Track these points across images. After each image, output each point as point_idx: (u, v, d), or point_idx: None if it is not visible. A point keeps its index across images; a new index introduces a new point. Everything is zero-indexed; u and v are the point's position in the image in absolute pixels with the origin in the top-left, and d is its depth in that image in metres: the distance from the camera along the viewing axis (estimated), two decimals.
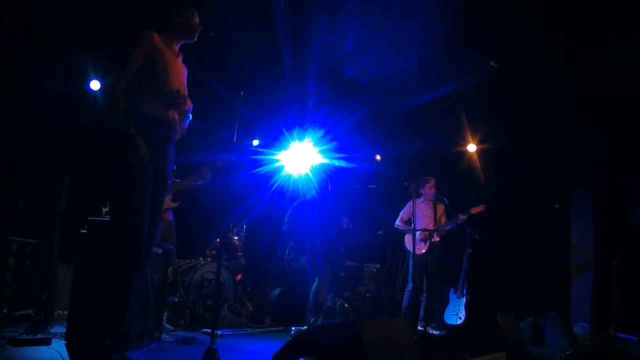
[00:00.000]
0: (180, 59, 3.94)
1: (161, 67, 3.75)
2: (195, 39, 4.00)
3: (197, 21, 3.98)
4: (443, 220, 7.62)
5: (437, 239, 7.45)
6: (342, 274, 7.37)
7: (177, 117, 3.80)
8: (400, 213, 7.68)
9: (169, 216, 6.15)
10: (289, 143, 8.26)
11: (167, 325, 5.67)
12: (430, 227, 7.43)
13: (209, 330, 4.52)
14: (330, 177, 7.74)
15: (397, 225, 7.68)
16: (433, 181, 7.53)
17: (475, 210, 7.40)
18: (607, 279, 7.65)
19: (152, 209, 3.64)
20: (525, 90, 7.65)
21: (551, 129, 8.01)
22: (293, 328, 6.53)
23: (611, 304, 7.38)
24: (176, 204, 6.18)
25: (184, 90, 3.87)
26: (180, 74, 3.89)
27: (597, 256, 8.25)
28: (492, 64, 7.45)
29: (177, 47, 3.94)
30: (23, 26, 6.00)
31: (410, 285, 7.32)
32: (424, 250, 7.36)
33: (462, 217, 7.37)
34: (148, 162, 3.60)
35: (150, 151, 3.60)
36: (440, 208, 7.61)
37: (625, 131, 7.66)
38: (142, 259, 3.61)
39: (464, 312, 7.44)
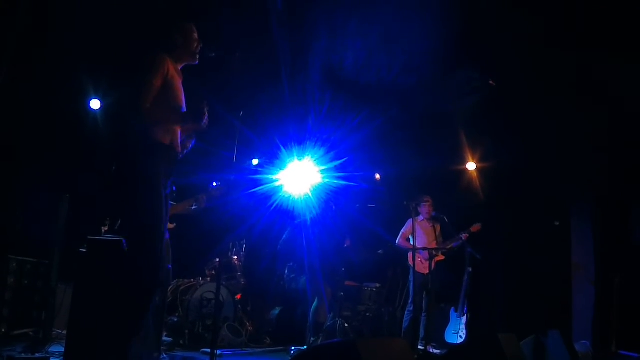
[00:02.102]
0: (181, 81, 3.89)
1: (175, 94, 3.69)
2: (197, 60, 3.96)
3: (197, 39, 3.92)
4: (440, 239, 7.61)
5: (442, 258, 7.46)
6: (342, 293, 7.35)
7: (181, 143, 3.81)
8: (402, 230, 7.66)
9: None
10: (289, 162, 8.27)
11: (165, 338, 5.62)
12: (433, 245, 7.43)
13: (209, 350, 4.52)
14: (329, 197, 7.74)
15: (398, 242, 7.67)
16: (430, 200, 7.55)
17: (474, 228, 7.45)
18: (608, 297, 7.63)
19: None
20: (524, 108, 7.68)
21: (551, 146, 8.03)
22: (293, 348, 6.50)
23: (612, 322, 7.35)
24: (173, 225, 6.17)
25: None
26: (183, 98, 3.84)
27: (597, 274, 8.23)
28: (491, 82, 7.49)
29: (180, 70, 3.88)
30: (25, 44, 6.04)
31: (410, 305, 7.30)
32: (428, 271, 7.34)
33: (464, 235, 7.39)
34: (164, 187, 3.58)
35: (162, 178, 3.56)
36: (438, 227, 7.61)
37: (624, 149, 7.68)
38: (161, 282, 3.56)
39: (464, 331, 7.41)
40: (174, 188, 5.94)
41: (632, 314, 7.45)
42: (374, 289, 8.80)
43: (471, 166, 9.06)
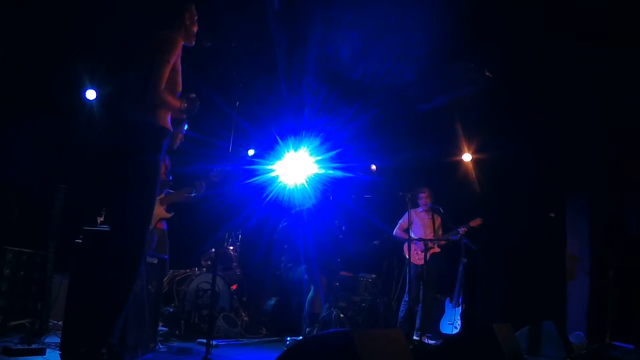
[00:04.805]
0: None
1: (178, 78, 3.64)
2: (194, 42, 3.92)
3: (196, 22, 3.88)
4: (440, 231, 7.62)
5: (438, 250, 7.47)
6: (338, 284, 7.36)
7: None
8: (400, 221, 7.66)
9: (163, 226, 6.14)
10: (284, 153, 8.27)
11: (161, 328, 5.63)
12: (430, 237, 7.44)
13: (204, 341, 4.52)
14: (325, 187, 7.73)
15: (395, 233, 7.68)
16: (428, 191, 7.55)
17: (474, 223, 7.45)
18: (602, 288, 7.66)
19: None
20: (521, 99, 7.68)
21: (547, 138, 8.04)
22: (288, 338, 6.50)
23: (607, 313, 7.39)
24: (170, 215, 6.17)
25: None
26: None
27: (592, 265, 8.27)
28: (487, 74, 7.48)
29: None
30: (20, 34, 6.00)
31: (407, 295, 7.32)
32: (423, 262, 7.35)
33: (462, 229, 7.39)
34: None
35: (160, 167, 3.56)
36: (438, 219, 7.62)
37: (620, 141, 7.69)
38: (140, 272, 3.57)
39: (459, 322, 7.43)
40: (170, 177, 5.95)
41: (626, 306, 7.48)
42: (370, 280, 8.82)
43: (467, 157, 9.05)
